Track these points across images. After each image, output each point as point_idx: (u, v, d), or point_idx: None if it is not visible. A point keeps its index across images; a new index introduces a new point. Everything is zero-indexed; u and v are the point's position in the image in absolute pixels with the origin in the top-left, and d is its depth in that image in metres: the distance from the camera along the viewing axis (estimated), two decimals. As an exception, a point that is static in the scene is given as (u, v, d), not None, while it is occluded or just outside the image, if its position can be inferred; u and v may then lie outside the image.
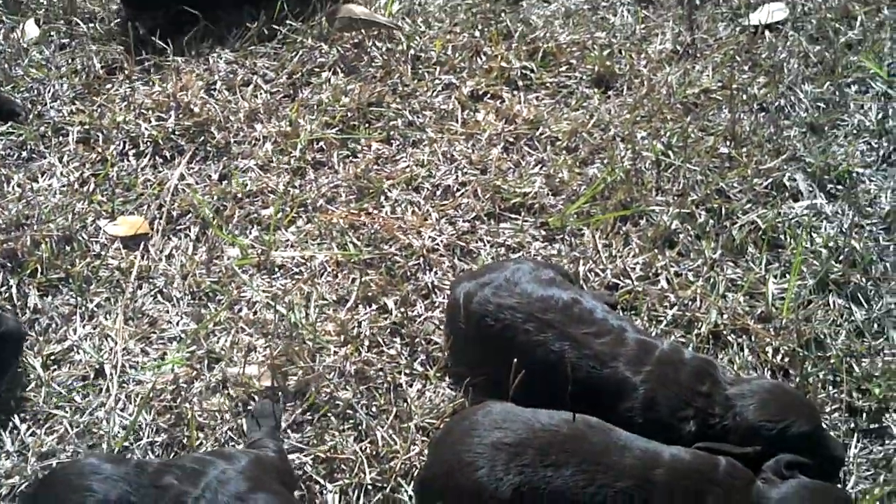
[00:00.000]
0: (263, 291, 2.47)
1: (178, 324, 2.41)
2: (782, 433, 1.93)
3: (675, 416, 1.99)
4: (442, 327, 2.37)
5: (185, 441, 2.15)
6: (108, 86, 3.04)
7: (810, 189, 2.70)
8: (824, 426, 2.08)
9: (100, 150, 2.83)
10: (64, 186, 2.74)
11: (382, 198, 2.70)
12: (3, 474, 2.09)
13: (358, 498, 2.07)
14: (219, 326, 2.40)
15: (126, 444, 2.15)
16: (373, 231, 2.60)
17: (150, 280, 2.52)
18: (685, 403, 1.99)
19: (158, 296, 2.49)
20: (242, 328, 2.39)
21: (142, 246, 2.59)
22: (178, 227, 2.66)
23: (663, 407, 2.00)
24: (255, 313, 2.43)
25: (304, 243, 2.60)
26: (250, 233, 2.63)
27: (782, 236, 2.57)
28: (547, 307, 2.13)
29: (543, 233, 2.63)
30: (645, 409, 2.01)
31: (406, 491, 2.07)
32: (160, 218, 2.66)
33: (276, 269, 2.54)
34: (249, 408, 2.18)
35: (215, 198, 2.70)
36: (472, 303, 2.20)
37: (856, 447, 2.15)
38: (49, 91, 3.03)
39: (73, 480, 1.82)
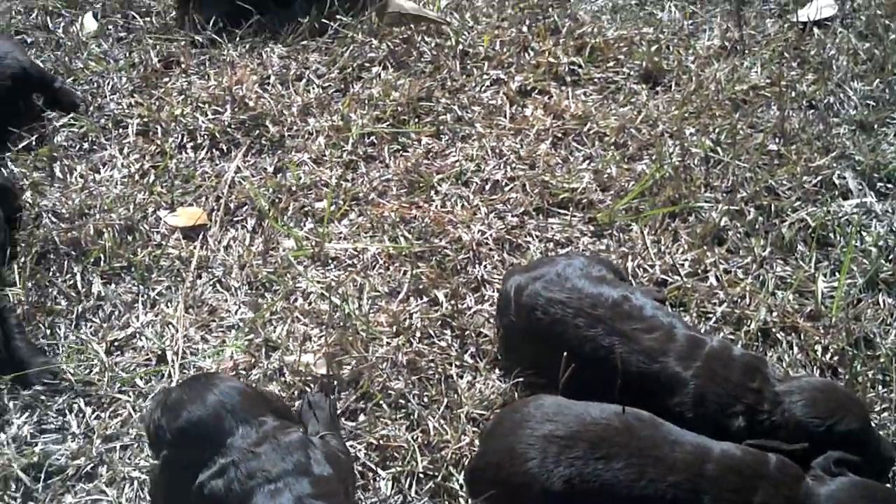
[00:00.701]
0: (318, 282, 2.53)
1: (236, 312, 2.48)
2: (830, 430, 1.95)
3: (724, 411, 2.02)
4: (492, 320, 2.42)
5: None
6: (166, 79, 3.12)
7: (860, 187, 2.70)
8: (874, 425, 2.09)
9: (158, 142, 2.91)
10: (125, 177, 2.82)
11: (432, 192, 2.74)
12: (70, 455, 2.17)
13: (410, 485, 2.13)
14: (275, 316, 2.46)
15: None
16: (423, 224, 2.65)
17: (209, 269, 2.59)
18: (735, 399, 2.02)
19: (217, 285, 2.56)
20: (298, 318, 2.45)
21: (201, 236, 2.66)
22: (235, 219, 2.72)
23: (713, 402, 2.03)
24: (309, 304, 2.49)
25: (356, 236, 2.65)
26: (305, 225, 2.69)
27: (832, 234, 2.58)
28: (597, 303, 2.17)
29: (592, 228, 2.66)
30: (695, 405, 2.04)
31: (457, 479, 2.12)
32: (218, 209, 2.73)
33: (330, 261, 2.60)
34: (307, 396, 2.24)
35: (271, 190, 2.77)
36: (523, 296, 2.24)
37: (905, 447, 2.16)
38: (108, 84, 3.12)
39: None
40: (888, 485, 2.05)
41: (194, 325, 2.44)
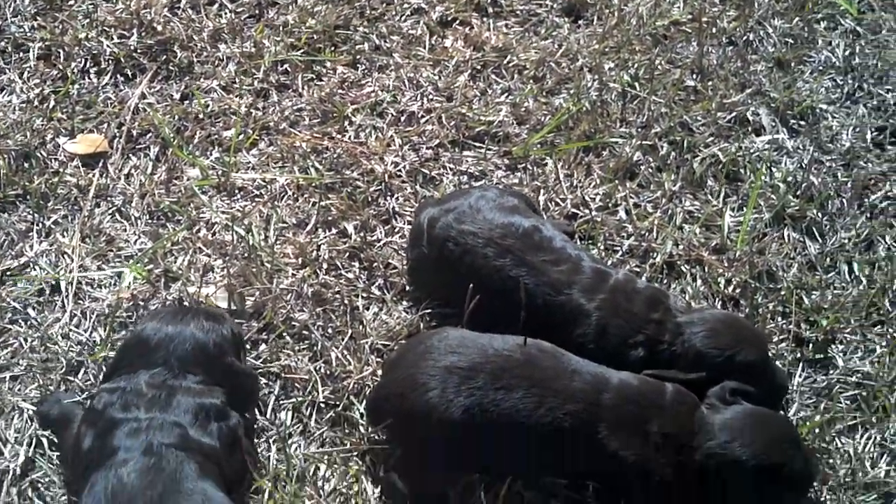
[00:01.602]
0: (222, 213, 2.46)
1: (135, 242, 2.41)
2: (728, 361, 1.96)
3: (625, 342, 2.02)
4: (401, 252, 2.38)
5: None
6: (70, 2, 2.97)
7: (773, 124, 2.71)
8: (770, 356, 2.12)
9: (61, 66, 2.78)
10: (23, 103, 2.69)
11: (346, 122, 2.68)
12: (-42, 387, 2.10)
13: (311, 415, 2.10)
14: (177, 246, 2.40)
15: (81, 359, 2.16)
16: (335, 155, 2.59)
17: (109, 198, 2.51)
18: (636, 330, 2.02)
19: (116, 214, 2.48)
20: (200, 249, 2.39)
21: (101, 164, 2.57)
22: (137, 147, 2.63)
23: (615, 334, 2.03)
24: (213, 234, 2.43)
25: (265, 166, 2.58)
26: (211, 154, 2.61)
27: (742, 170, 2.58)
28: (507, 233, 2.15)
29: (507, 162, 2.63)
30: (597, 336, 2.04)
31: (358, 409, 2.10)
32: (120, 137, 2.63)
33: (237, 191, 2.53)
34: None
35: (176, 118, 2.68)
36: (436, 228, 2.21)
37: (800, 376, 2.20)
38: (10, 6, 2.96)
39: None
40: (781, 413, 2.08)
41: (91, 255, 2.36)
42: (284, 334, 2.23)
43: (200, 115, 2.68)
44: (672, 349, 2.00)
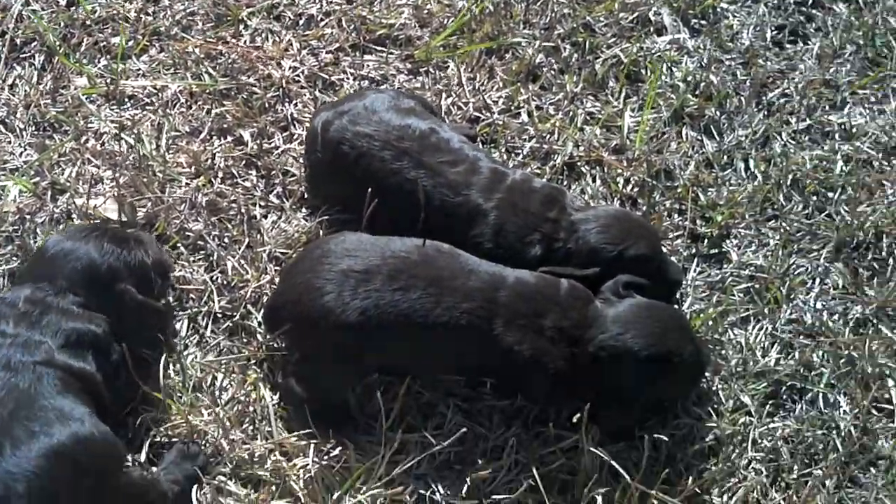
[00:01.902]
0: (112, 122, 2.38)
1: (21, 155, 2.32)
2: (621, 255, 1.98)
3: (522, 240, 2.02)
4: (300, 160, 2.33)
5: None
6: None
7: (674, 24, 2.69)
8: (664, 251, 2.14)
9: (-65, -28, 2.63)
10: None
11: (241, 26, 2.59)
12: None
13: (207, 326, 2.07)
14: (64, 158, 2.32)
15: (-35, 274, 2.09)
16: (230, 61, 2.51)
17: (-8, 110, 2.40)
18: (532, 229, 2.02)
19: (0, 126, 2.37)
20: (89, 159, 2.31)
21: (-18, 75, 2.46)
22: (21, 56, 2.51)
23: (511, 232, 2.03)
24: (102, 144, 2.34)
25: (156, 73, 2.49)
26: (99, 62, 2.51)
27: (643, 71, 2.57)
28: (404, 136, 2.11)
29: (409, 66, 2.58)
30: (494, 235, 2.03)
31: (256, 318, 2.07)
32: (3, 45, 2.51)
33: (126, 100, 2.44)
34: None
35: (62, 24, 2.56)
36: (330, 131, 2.16)
37: (695, 271, 2.23)
38: None
39: None
40: (675, 306, 2.12)
41: (-26, 169, 2.27)
42: (178, 245, 2.17)
43: (87, 22, 2.56)
44: (567, 246, 2.01)
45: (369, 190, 2.04)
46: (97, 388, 1.78)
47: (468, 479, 1.87)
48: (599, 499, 1.82)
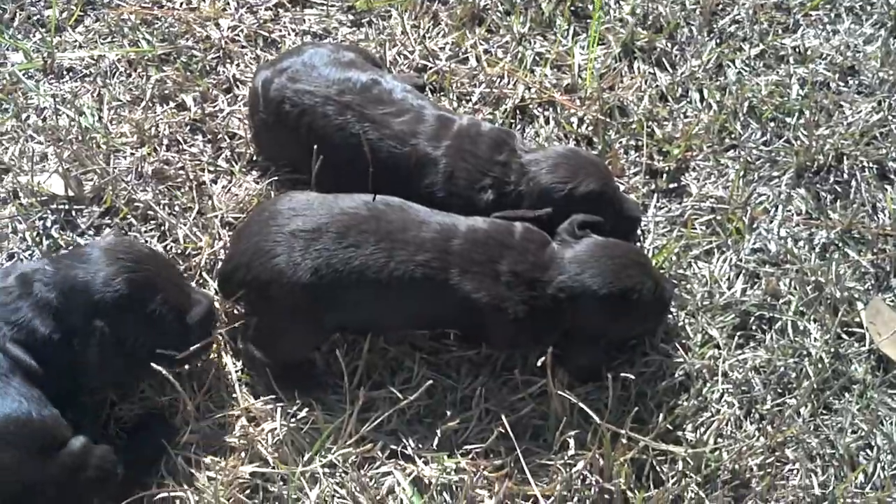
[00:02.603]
0: (51, 96, 2.30)
1: (-40, 137, 2.25)
2: (572, 193, 1.94)
3: (473, 187, 1.98)
4: (246, 121, 2.28)
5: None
6: None
7: (620, -44, 2.64)
8: (622, 188, 2.11)
9: None
10: None
11: (176, -12, 2.52)
12: None
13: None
14: (6, 136, 2.25)
15: None
16: (167, 25, 2.44)
17: (-75, 92, 2.33)
18: (482, 174, 1.99)
19: (-65, 108, 2.31)
20: (32, 136, 2.25)
21: (-87, 56, 2.38)
22: (-48, 34, 2.44)
23: (462, 179, 1.99)
24: (44, 120, 2.28)
25: (92, 43, 2.42)
26: (34, 36, 2.43)
27: (590, 6, 2.52)
28: (344, 89, 2.06)
29: (351, 17, 2.51)
30: (445, 183, 1.99)
31: (212, 285, 2.03)
32: (-68, 25, 2.43)
33: (65, 73, 2.37)
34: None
35: (-9, 0, 2.48)
36: (270, 90, 2.11)
37: (655, 207, 2.21)
38: None
39: None
40: (637, 243, 2.09)
41: (-89, 154, 2.20)
42: (128, 216, 2.12)
43: (17, -5, 2.48)
44: (519, 189, 1.97)
45: (315, 147, 1.99)
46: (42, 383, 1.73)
47: (438, 432, 1.85)
48: (571, 441, 1.80)
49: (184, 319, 1.82)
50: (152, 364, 1.75)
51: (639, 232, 2.12)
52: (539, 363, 1.80)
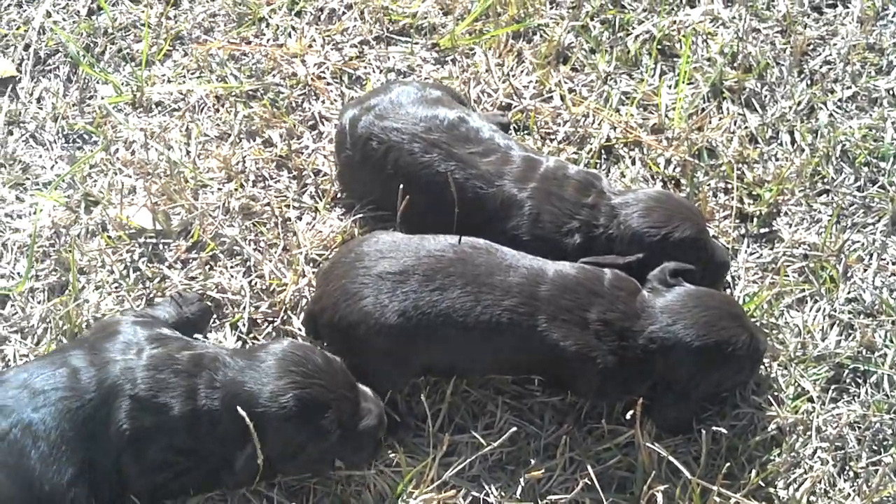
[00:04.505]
0: (140, 130, 2.34)
1: (52, 168, 2.30)
2: (665, 239, 1.91)
3: (560, 230, 1.96)
4: (331, 158, 2.29)
5: (67, 287, 2.07)
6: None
7: (708, -6, 2.60)
8: (710, 233, 2.07)
9: (-45, -12, 2.61)
10: (-82, 29, 2.53)
11: (263, 24, 2.54)
12: None
13: (249, 332, 2.03)
14: (95, 169, 2.29)
15: (6, 293, 2.07)
16: (254, 61, 2.47)
17: (21, 124, 2.38)
18: (569, 217, 1.96)
19: (31, 140, 2.36)
20: (120, 169, 2.28)
21: (10, 89, 2.43)
22: (46, 68, 2.49)
23: (548, 222, 1.97)
24: (132, 153, 2.31)
25: (181, 77, 2.46)
26: (123, 69, 2.48)
27: (677, 45, 2.49)
28: (432, 127, 2.06)
29: (435, 55, 2.52)
30: (531, 226, 1.97)
31: (295, 322, 2.03)
32: (27, 59, 2.48)
33: (153, 107, 2.41)
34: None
35: (84, 34, 2.52)
36: (358, 127, 2.11)
37: (745, 252, 2.16)
38: None
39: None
40: (726, 291, 2.05)
41: (7, 185, 2.25)
42: (215, 251, 2.14)
43: (109, 30, 2.53)
44: (608, 232, 1.94)
45: (400, 186, 1.99)
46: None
47: (522, 480, 1.82)
48: (659, 496, 1.75)
49: (350, 433, 1.72)
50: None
51: (728, 278, 2.07)
52: (628, 416, 1.76)
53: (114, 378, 1.65)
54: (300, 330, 2.02)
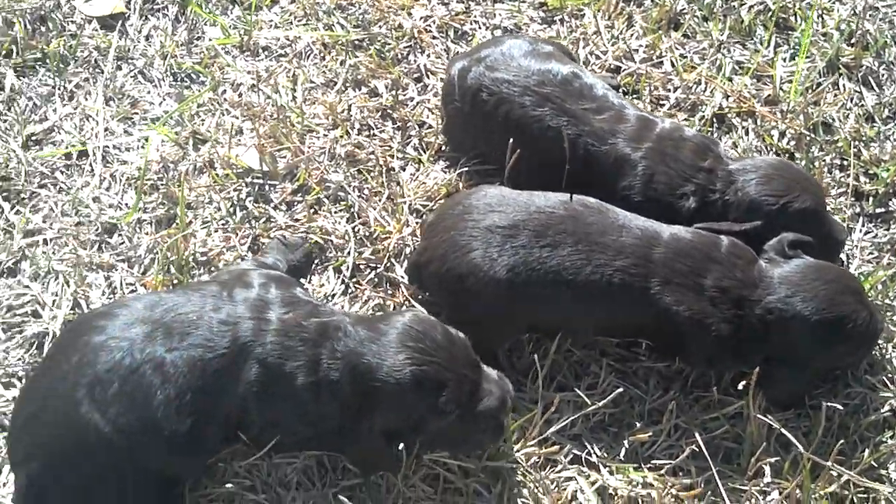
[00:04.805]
0: (247, 73, 2.35)
1: (160, 105, 2.31)
2: (784, 209, 1.87)
3: (674, 192, 1.93)
4: (435, 111, 2.28)
5: (174, 220, 2.09)
6: None
7: (826, -32, 2.54)
8: (828, 208, 2.03)
9: (68, -78, 2.63)
10: (32, -38, 2.55)
11: (371, -25, 2.53)
12: (-11, 252, 2.05)
13: (352, 276, 2.04)
14: (203, 108, 2.30)
15: (113, 222, 2.09)
16: (361, 11, 2.46)
17: (130, 60, 2.40)
18: (685, 179, 1.93)
19: (139, 76, 2.37)
20: (227, 110, 2.29)
21: (119, 25, 2.45)
22: (155, 7, 2.50)
23: (662, 183, 1.93)
24: (239, 95, 2.32)
25: (288, 24, 2.45)
26: (231, 12, 2.48)
27: (793, 18, 2.43)
28: (545, 80, 2.03)
29: (542, 14, 2.49)
30: (644, 187, 1.94)
31: (398, 270, 2.03)
32: (137, -4, 2.50)
33: (260, 51, 2.41)
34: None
35: (194, -26, 2.53)
36: (468, 79, 2.09)
37: (860, 231, 2.11)
38: None
39: None
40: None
41: (116, 118, 2.27)
42: (320, 196, 2.14)
43: (219, -29, 2.53)
44: (724, 198, 1.90)
45: (510, 140, 1.97)
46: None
47: (626, 442, 1.81)
48: (767, 468, 1.73)
49: (469, 414, 1.65)
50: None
51: (841, 256, 2.03)
52: (740, 386, 1.74)
53: (245, 338, 1.64)
54: (403, 278, 2.02)
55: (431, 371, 1.61)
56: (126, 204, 2.13)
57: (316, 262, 2.06)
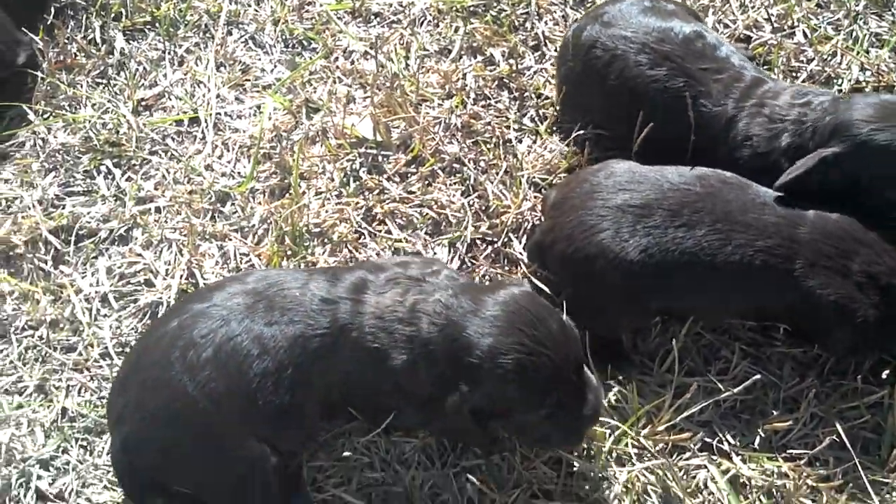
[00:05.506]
0: (360, 39, 2.29)
1: (272, 71, 2.26)
2: (873, 135, 1.69)
3: (769, 136, 1.82)
4: (553, 81, 2.19)
5: (287, 190, 2.05)
6: None
7: (972, -65, 2.38)
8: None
9: None
10: (141, -75, 2.52)
11: (486, -62, 2.45)
12: (101, 219, 2.02)
13: (467, 251, 1.97)
14: (315, 75, 2.25)
15: (226, 191, 2.06)
16: (477, -25, 2.38)
17: (240, 25, 2.36)
18: (780, 119, 1.82)
19: (250, 42, 2.33)
20: (340, 78, 2.24)
21: (229, -11, 2.41)
22: (265, -30, 2.46)
23: (758, 135, 1.83)
24: (352, 63, 2.26)
25: (402, -11, 2.39)
26: (344, -23, 2.43)
27: (937, -13, 2.29)
28: (665, 38, 1.92)
29: (666, -19, 2.37)
30: (743, 145, 1.84)
31: (516, 245, 1.96)
32: (247, -39, 2.46)
33: (373, 17, 2.35)
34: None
35: (304, -62, 2.48)
36: (582, 36, 2.00)
37: None
38: None
39: None
40: None
41: (227, 84, 2.23)
42: (435, 167, 2.08)
43: (330, -65, 2.47)
44: (815, 125, 1.76)
45: (640, 113, 1.87)
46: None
47: (760, 430, 1.72)
48: (912, 462, 1.64)
49: (561, 415, 1.53)
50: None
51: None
52: (884, 374, 1.64)
53: (343, 320, 1.58)
54: (521, 254, 1.95)
55: (539, 364, 1.48)
56: (238, 173, 2.10)
57: (431, 235, 1.99)
